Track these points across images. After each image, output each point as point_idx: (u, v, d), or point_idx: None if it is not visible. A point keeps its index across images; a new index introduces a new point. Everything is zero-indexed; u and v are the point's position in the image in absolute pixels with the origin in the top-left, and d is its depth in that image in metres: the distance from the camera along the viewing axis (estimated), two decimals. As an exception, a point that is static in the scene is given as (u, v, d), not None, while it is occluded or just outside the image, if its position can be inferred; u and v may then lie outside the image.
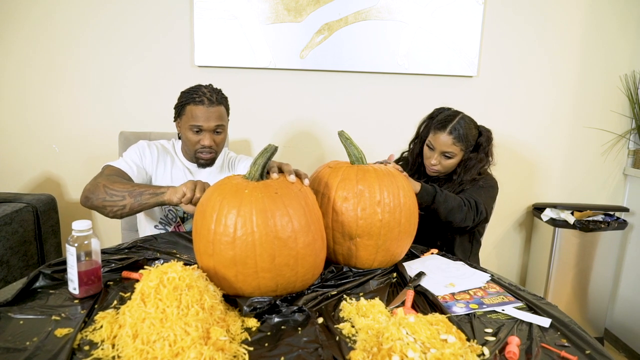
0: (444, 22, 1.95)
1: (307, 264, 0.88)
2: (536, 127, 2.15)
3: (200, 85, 1.33)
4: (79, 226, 0.87)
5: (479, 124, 1.49)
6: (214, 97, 1.30)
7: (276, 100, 1.99)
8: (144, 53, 1.89)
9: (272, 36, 1.89)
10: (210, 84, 1.36)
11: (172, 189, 1.14)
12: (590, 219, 2.04)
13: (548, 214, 2.08)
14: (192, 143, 1.32)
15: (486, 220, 1.49)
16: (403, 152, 1.69)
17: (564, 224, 2.02)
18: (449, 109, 1.51)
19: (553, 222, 2.04)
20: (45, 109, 1.89)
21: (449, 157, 1.43)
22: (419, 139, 1.56)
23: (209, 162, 1.38)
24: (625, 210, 2.13)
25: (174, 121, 1.38)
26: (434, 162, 1.45)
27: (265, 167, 0.94)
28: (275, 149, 0.93)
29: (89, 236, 0.88)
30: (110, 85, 1.90)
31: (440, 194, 1.31)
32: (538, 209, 2.16)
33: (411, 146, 1.62)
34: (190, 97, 1.29)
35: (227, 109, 1.38)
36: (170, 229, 1.42)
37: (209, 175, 1.43)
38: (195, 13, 1.84)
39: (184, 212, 1.41)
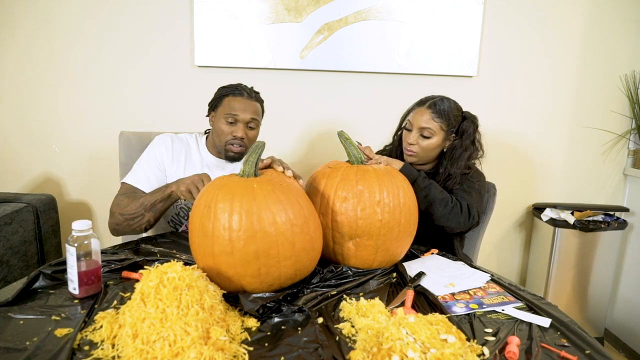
0: (444, 22, 1.95)
1: (317, 247, 0.95)
2: (536, 127, 2.14)
3: (240, 83, 1.39)
4: (79, 226, 0.87)
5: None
6: (253, 94, 1.36)
7: (276, 101, 1.99)
8: (144, 53, 1.89)
9: (272, 36, 1.89)
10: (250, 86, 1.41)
11: (176, 183, 1.17)
12: (590, 219, 2.04)
13: (548, 214, 2.08)
14: (225, 134, 1.32)
15: (477, 223, 1.45)
16: (386, 146, 1.63)
17: (564, 224, 2.02)
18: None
19: (553, 222, 2.04)
20: (45, 109, 1.89)
21: (427, 137, 1.35)
22: (402, 129, 1.48)
23: (238, 156, 1.37)
24: (625, 210, 2.13)
25: (207, 115, 1.40)
26: (412, 141, 1.36)
27: (258, 164, 0.98)
28: (264, 144, 0.97)
29: (89, 236, 0.88)
30: (111, 85, 1.90)
31: (423, 181, 1.27)
32: (538, 209, 2.16)
33: (395, 138, 1.55)
34: (229, 90, 1.34)
35: (263, 109, 1.41)
36: (181, 228, 1.42)
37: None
38: (195, 13, 1.84)
39: None
